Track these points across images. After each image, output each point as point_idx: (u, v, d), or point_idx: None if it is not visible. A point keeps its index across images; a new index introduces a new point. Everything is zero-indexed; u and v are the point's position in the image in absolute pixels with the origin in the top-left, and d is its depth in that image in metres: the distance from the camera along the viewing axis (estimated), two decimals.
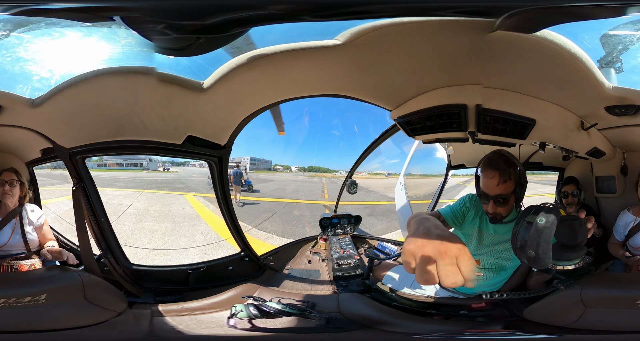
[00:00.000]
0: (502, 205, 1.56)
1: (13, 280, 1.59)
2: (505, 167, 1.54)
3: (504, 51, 1.44)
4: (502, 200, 1.55)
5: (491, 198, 1.57)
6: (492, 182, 1.54)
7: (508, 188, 1.54)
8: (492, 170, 1.55)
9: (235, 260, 2.16)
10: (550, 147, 1.82)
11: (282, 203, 2.80)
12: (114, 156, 2.38)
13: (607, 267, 1.85)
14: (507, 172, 1.54)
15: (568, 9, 1.32)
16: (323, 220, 2.57)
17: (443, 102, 1.68)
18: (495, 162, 1.55)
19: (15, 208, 1.81)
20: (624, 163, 1.89)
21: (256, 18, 1.36)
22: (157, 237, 2.33)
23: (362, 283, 2.02)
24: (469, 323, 1.70)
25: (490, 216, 1.62)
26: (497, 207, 1.57)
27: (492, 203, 1.57)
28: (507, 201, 1.55)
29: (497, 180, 1.54)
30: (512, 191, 1.55)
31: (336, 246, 2.40)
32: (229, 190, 2.08)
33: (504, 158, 1.56)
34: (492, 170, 1.55)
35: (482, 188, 1.58)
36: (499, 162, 1.55)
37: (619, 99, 1.56)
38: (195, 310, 1.74)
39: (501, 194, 1.54)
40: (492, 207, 1.58)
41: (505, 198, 1.54)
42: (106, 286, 1.72)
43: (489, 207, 1.59)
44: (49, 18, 1.43)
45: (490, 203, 1.58)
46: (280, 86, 1.72)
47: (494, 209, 1.58)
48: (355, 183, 2.63)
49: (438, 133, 1.84)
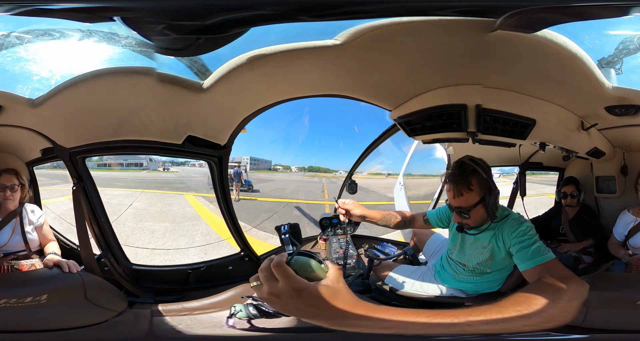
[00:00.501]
0: (464, 217, 1.52)
1: (14, 280, 1.59)
2: (461, 179, 1.47)
3: (504, 51, 1.44)
4: (463, 213, 1.51)
5: (453, 210, 1.54)
6: (450, 194, 1.51)
7: (468, 200, 1.48)
8: (449, 182, 1.51)
9: (235, 260, 2.16)
10: (551, 147, 1.82)
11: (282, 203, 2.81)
12: (114, 156, 2.38)
13: (607, 267, 1.85)
14: (463, 184, 1.47)
15: (568, 8, 1.32)
16: (323, 220, 2.57)
17: (443, 102, 1.68)
18: (452, 174, 1.50)
19: (15, 209, 1.81)
20: (624, 163, 1.89)
21: (256, 18, 1.36)
22: (157, 237, 2.34)
23: (362, 283, 2.02)
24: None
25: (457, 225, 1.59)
26: (461, 219, 1.53)
27: (455, 214, 1.55)
28: (468, 214, 1.50)
29: (453, 193, 1.49)
30: (477, 202, 1.48)
31: (336, 246, 2.40)
32: (229, 190, 2.09)
33: (462, 168, 1.49)
34: (449, 183, 1.50)
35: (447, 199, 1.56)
36: (456, 173, 1.49)
37: (619, 99, 1.55)
38: (195, 309, 1.74)
39: (460, 207, 1.50)
40: (455, 218, 1.55)
41: (465, 210, 1.49)
42: (106, 286, 1.72)
43: (454, 218, 1.57)
44: (49, 18, 1.43)
45: (454, 213, 1.56)
46: (280, 86, 1.72)
47: (457, 220, 1.56)
48: (355, 183, 2.62)
49: (438, 134, 1.84)
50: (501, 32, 1.34)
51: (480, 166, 1.49)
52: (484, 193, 1.49)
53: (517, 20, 1.30)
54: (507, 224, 1.53)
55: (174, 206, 2.57)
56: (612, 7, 1.34)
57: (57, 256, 1.75)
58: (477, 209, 1.50)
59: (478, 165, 1.49)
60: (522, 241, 1.45)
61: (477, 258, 1.65)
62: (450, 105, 1.68)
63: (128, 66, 1.54)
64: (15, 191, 1.80)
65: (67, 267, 1.60)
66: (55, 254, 1.76)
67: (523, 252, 1.42)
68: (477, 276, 1.71)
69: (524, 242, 1.44)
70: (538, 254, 1.38)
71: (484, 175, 1.48)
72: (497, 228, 1.55)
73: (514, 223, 1.52)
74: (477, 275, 1.70)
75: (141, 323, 1.65)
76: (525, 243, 1.44)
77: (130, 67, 1.54)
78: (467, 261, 1.70)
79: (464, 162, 1.50)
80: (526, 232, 1.48)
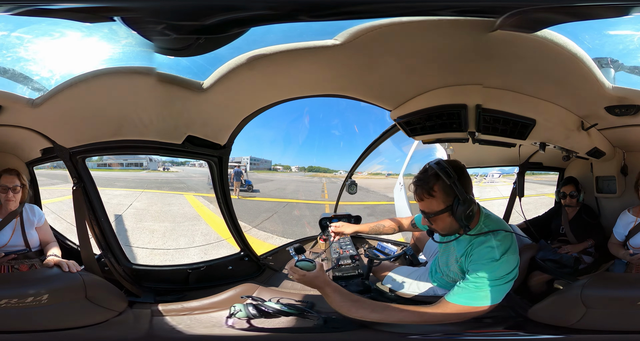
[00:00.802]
0: (431, 221, 1.44)
1: (15, 280, 1.59)
2: (422, 183, 1.39)
3: (504, 51, 1.44)
4: (427, 217, 1.43)
5: (424, 214, 1.45)
6: (415, 197, 1.43)
7: (430, 206, 1.39)
8: (413, 185, 1.43)
9: (235, 260, 2.16)
10: (551, 147, 1.82)
11: (282, 203, 2.81)
12: (114, 156, 2.38)
13: (607, 268, 1.85)
14: (423, 189, 1.38)
15: (568, 8, 1.32)
16: (323, 220, 2.57)
17: (443, 102, 1.68)
18: (415, 177, 1.42)
19: (15, 209, 1.81)
20: (624, 163, 1.89)
21: (256, 18, 1.36)
22: (157, 237, 2.34)
23: (361, 284, 2.02)
24: (470, 323, 1.70)
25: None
26: (428, 223, 1.47)
27: (423, 217, 1.49)
28: (433, 219, 1.41)
29: (417, 196, 1.42)
30: (441, 210, 1.38)
31: (336, 246, 2.40)
32: (229, 190, 2.09)
33: (427, 173, 1.40)
34: (413, 185, 1.43)
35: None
36: (418, 177, 1.41)
37: (619, 99, 1.55)
38: (195, 309, 1.74)
39: (424, 211, 1.43)
40: (423, 220, 1.51)
41: (428, 215, 1.41)
42: (107, 286, 1.72)
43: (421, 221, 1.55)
44: (49, 18, 1.43)
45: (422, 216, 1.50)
46: (280, 86, 1.72)
47: (425, 223, 1.51)
48: (355, 183, 2.62)
49: (438, 134, 1.84)
50: (501, 32, 1.34)
51: (446, 172, 1.36)
52: (450, 201, 1.38)
53: (517, 20, 1.30)
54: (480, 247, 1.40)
55: (174, 206, 2.57)
56: (612, 7, 1.34)
57: (57, 257, 1.75)
58: (443, 217, 1.40)
59: (444, 171, 1.37)
60: (476, 276, 1.37)
61: (450, 266, 1.57)
62: (450, 105, 1.68)
63: (128, 66, 1.54)
64: (17, 192, 1.80)
65: (67, 267, 1.60)
66: (55, 255, 1.76)
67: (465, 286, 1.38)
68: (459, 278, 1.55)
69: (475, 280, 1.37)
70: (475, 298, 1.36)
71: (448, 182, 1.36)
72: (472, 243, 1.43)
73: (486, 251, 1.38)
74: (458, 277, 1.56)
75: (141, 323, 1.65)
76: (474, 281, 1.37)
77: (130, 67, 1.54)
78: (444, 267, 1.65)
79: (429, 166, 1.41)
80: (490, 268, 1.36)
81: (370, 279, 2.03)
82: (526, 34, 1.35)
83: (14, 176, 1.80)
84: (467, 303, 1.38)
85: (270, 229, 2.58)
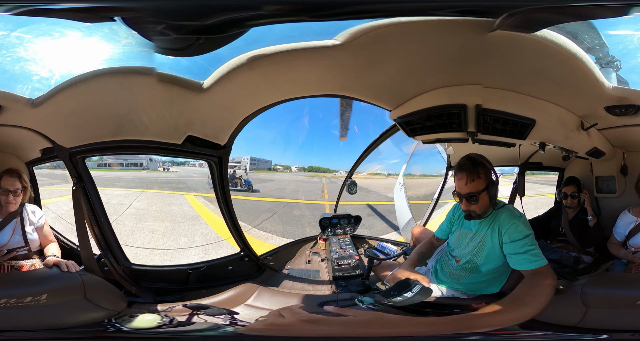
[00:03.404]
0: (473, 203, 1.70)
1: (14, 280, 1.59)
2: (472, 168, 1.69)
3: (504, 51, 1.44)
4: (472, 198, 1.69)
5: (463, 197, 1.71)
6: (462, 182, 1.70)
7: (477, 186, 1.69)
8: (460, 172, 1.71)
9: (235, 260, 2.16)
10: (550, 147, 1.82)
11: (282, 203, 2.81)
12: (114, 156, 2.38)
13: (607, 267, 1.85)
14: (474, 172, 1.69)
15: (568, 8, 1.32)
16: (323, 220, 2.57)
17: (443, 102, 1.69)
18: (463, 165, 1.71)
19: (16, 210, 1.81)
20: (624, 163, 1.89)
21: (256, 18, 1.36)
22: (157, 237, 2.34)
23: (361, 284, 2.02)
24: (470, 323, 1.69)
25: (465, 213, 1.74)
26: (470, 205, 1.71)
27: (464, 201, 1.71)
28: (477, 199, 1.69)
29: (465, 180, 1.69)
30: (483, 189, 1.69)
31: (336, 246, 2.40)
32: (229, 190, 2.09)
33: (472, 160, 1.71)
34: (461, 172, 1.71)
35: (456, 189, 1.74)
36: (467, 164, 1.70)
37: (619, 99, 1.56)
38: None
39: (470, 192, 1.69)
40: (465, 205, 1.72)
41: (475, 195, 1.69)
42: (106, 286, 1.72)
43: (462, 205, 1.73)
44: (49, 18, 1.43)
45: (463, 201, 1.72)
46: (280, 86, 1.72)
47: (467, 207, 1.72)
48: (355, 183, 2.62)
49: (438, 134, 1.84)
50: (501, 32, 1.35)
51: (487, 160, 1.75)
52: (488, 182, 1.70)
53: (517, 20, 1.31)
54: (503, 216, 1.71)
55: (174, 206, 2.57)
56: (612, 7, 1.34)
57: (56, 257, 1.75)
58: (483, 195, 1.70)
59: (485, 159, 1.75)
60: (522, 244, 1.63)
61: (471, 251, 1.74)
62: (450, 105, 1.68)
63: (128, 66, 1.54)
64: (17, 195, 1.79)
65: (67, 267, 1.60)
66: (55, 256, 1.76)
67: (522, 255, 1.62)
68: (468, 273, 1.75)
69: (523, 246, 1.62)
70: (533, 259, 1.59)
71: (488, 166, 1.73)
72: (493, 219, 1.72)
73: (510, 216, 1.70)
74: (467, 271, 1.75)
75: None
76: (522, 246, 1.62)
77: (130, 67, 1.54)
78: (461, 256, 1.76)
79: (472, 156, 1.74)
80: (524, 233, 1.64)
81: (370, 279, 2.03)
82: (525, 34, 1.35)
83: (15, 178, 1.79)
84: (536, 265, 1.60)
85: (270, 229, 2.58)
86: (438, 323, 1.58)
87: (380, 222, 2.88)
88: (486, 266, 1.71)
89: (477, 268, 1.73)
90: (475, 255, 1.73)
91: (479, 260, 1.72)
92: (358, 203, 2.81)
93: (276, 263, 2.31)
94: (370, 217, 2.78)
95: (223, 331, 1.59)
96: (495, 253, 1.69)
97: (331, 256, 2.29)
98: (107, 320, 1.60)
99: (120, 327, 1.58)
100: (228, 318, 1.64)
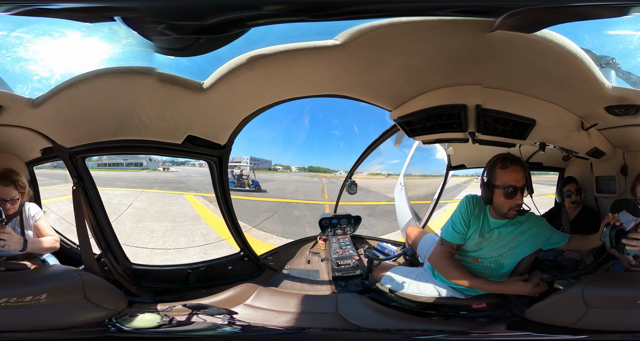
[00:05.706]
0: (524, 194, 1.70)
1: (14, 279, 1.59)
2: (524, 164, 1.69)
3: (504, 51, 1.44)
4: (529, 189, 1.70)
5: (519, 189, 1.67)
6: (519, 174, 1.66)
7: (528, 180, 1.70)
8: (515, 164, 1.68)
9: (235, 260, 2.16)
10: (551, 147, 1.82)
11: (282, 203, 2.81)
12: (114, 156, 2.38)
13: (607, 267, 1.84)
14: (526, 169, 1.69)
15: (568, 8, 1.32)
16: (323, 220, 2.57)
17: (443, 102, 1.68)
18: (514, 158, 1.69)
19: (15, 211, 1.81)
20: (624, 163, 1.89)
21: (256, 18, 1.36)
22: (157, 237, 2.34)
23: (361, 284, 2.02)
24: (469, 323, 1.70)
25: (513, 211, 1.68)
26: (523, 197, 1.69)
27: (519, 194, 1.67)
28: (530, 190, 1.71)
29: (523, 172, 1.67)
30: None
31: (336, 246, 2.40)
32: (229, 190, 2.09)
33: (515, 156, 1.71)
34: (516, 165, 1.67)
35: (508, 182, 1.66)
36: (517, 158, 1.69)
37: (619, 99, 1.55)
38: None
39: (527, 184, 1.69)
40: (519, 198, 1.67)
41: (530, 186, 1.70)
42: (106, 285, 1.72)
43: (514, 200, 1.66)
44: (49, 18, 1.43)
45: (517, 194, 1.66)
46: (280, 86, 1.72)
47: (520, 200, 1.68)
48: (355, 183, 2.63)
49: (438, 134, 1.84)
50: (501, 32, 1.34)
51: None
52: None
53: (517, 20, 1.30)
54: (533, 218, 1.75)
55: (174, 206, 2.57)
56: (612, 7, 1.34)
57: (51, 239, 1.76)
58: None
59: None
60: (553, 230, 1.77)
61: (500, 251, 1.73)
62: (450, 106, 1.68)
63: (128, 66, 1.54)
64: (15, 202, 1.78)
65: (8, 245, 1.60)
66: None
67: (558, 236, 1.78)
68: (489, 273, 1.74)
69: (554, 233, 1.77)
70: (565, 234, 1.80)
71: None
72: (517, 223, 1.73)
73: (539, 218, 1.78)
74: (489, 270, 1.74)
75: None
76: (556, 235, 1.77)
77: (130, 67, 1.54)
78: (483, 256, 1.73)
79: (511, 153, 1.74)
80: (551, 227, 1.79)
81: (369, 279, 2.03)
82: (525, 34, 1.35)
83: (10, 187, 1.76)
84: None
85: (270, 229, 2.58)
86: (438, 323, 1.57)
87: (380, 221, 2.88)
88: (507, 267, 1.73)
89: (499, 269, 1.74)
90: (503, 255, 1.72)
91: (506, 261, 1.72)
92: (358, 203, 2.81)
93: (276, 263, 2.31)
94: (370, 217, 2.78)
95: (223, 331, 1.59)
96: (523, 254, 1.71)
97: (331, 257, 2.29)
98: (107, 319, 1.60)
99: (120, 327, 1.58)
100: (227, 318, 1.64)
